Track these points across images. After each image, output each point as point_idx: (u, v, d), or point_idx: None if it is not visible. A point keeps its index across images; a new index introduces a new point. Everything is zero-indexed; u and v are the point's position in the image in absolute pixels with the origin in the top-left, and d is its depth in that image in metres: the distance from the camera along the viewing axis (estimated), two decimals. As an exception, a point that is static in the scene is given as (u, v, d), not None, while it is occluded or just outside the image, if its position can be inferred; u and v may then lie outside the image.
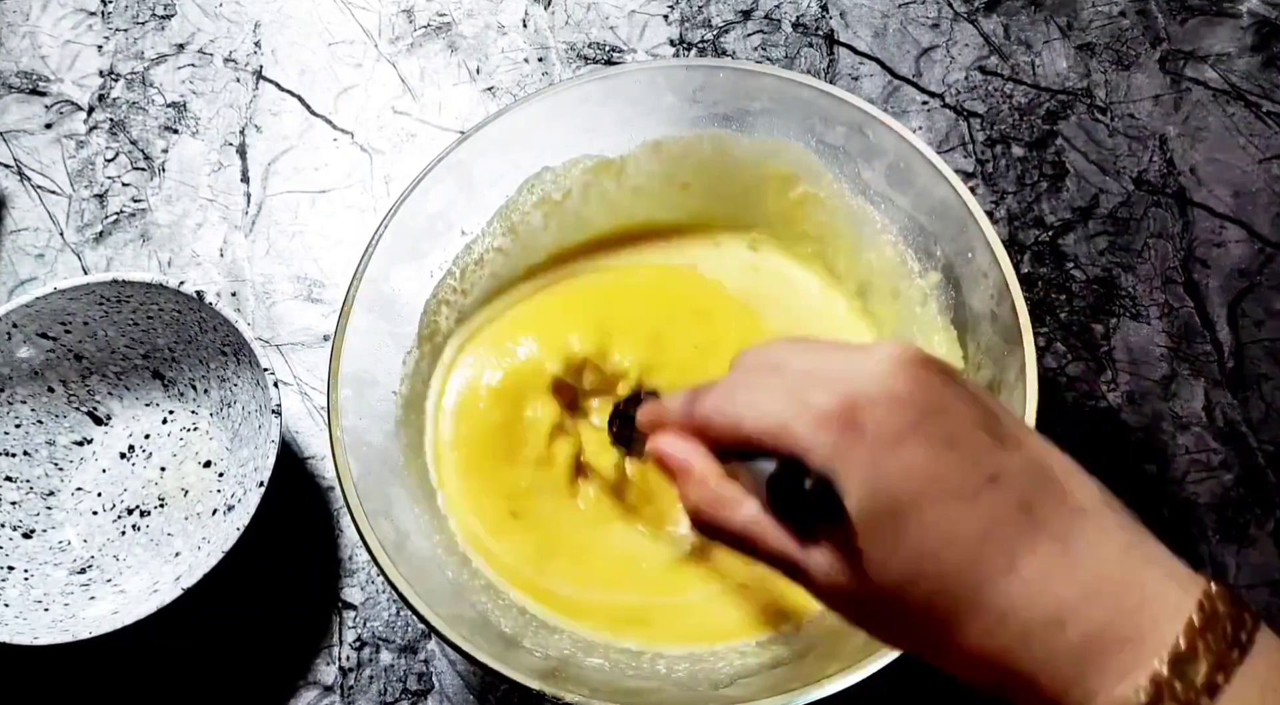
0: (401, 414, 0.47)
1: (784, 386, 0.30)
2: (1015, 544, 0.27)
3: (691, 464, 0.32)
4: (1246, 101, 0.61)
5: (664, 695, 0.40)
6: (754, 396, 0.31)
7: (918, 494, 0.27)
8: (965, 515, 0.27)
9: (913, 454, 0.28)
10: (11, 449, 0.52)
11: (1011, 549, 0.27)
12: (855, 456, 0.28)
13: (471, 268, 0.51)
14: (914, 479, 0.27)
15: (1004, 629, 0.27)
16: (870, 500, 0.27)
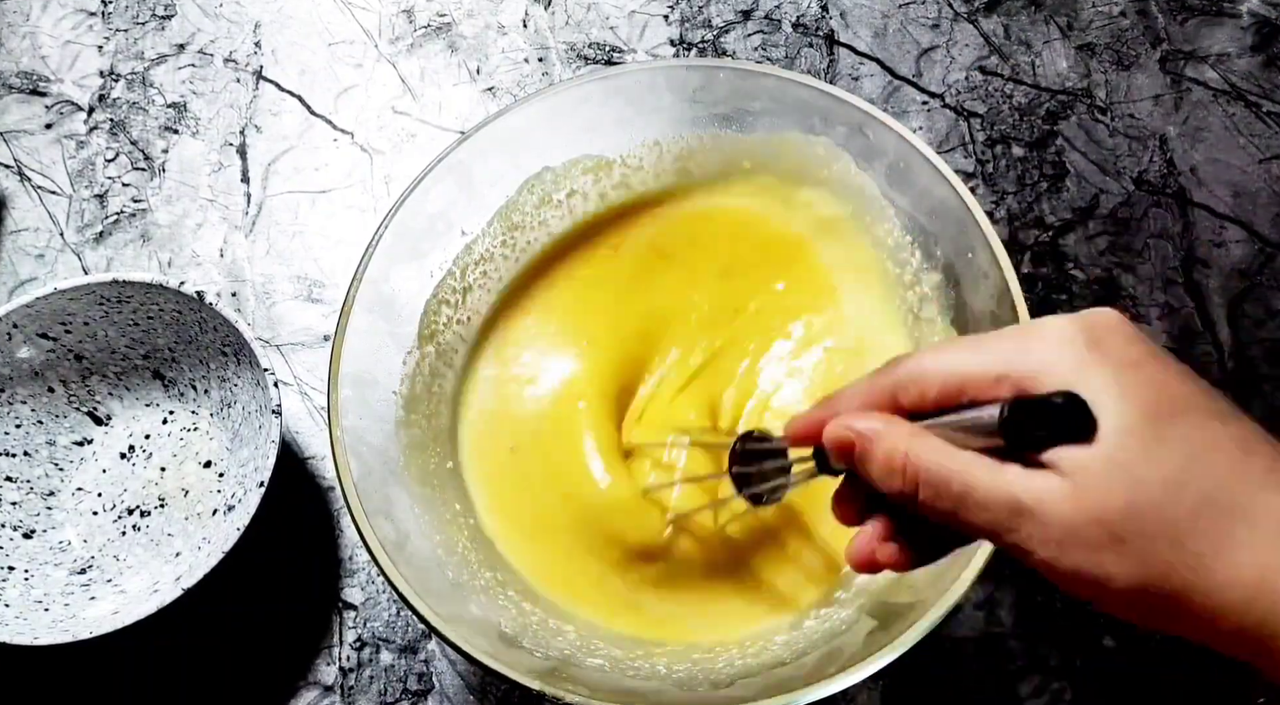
0: (402, 414, 0.47)
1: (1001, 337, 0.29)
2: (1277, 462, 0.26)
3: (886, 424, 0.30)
4: (1247, 101, 0.61)
5: (664, 695, 0.40)
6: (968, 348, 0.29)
7: (1172, 404, 0.26)
8: (1224, 431, 0.26)
9: (1161, 373, 0.27)
10: (12, 449, 0.52)
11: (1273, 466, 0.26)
12: (1102, 370, 0.27)
13: (472, 268, 0.51)
14: (1167, 393, 0.26)
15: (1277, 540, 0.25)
16: (1129, 407, 0.26)
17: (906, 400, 0.30)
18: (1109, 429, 0.26)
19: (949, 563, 0.39)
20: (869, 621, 0.40)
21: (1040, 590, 0.49)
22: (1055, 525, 0.26)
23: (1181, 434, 0.26)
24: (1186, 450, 0.26)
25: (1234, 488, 0.25)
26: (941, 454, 0.28)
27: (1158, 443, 0.26)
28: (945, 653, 0.47)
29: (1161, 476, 0.25)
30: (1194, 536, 0.25)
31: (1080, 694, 0.47)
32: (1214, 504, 0.25)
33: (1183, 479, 0.25)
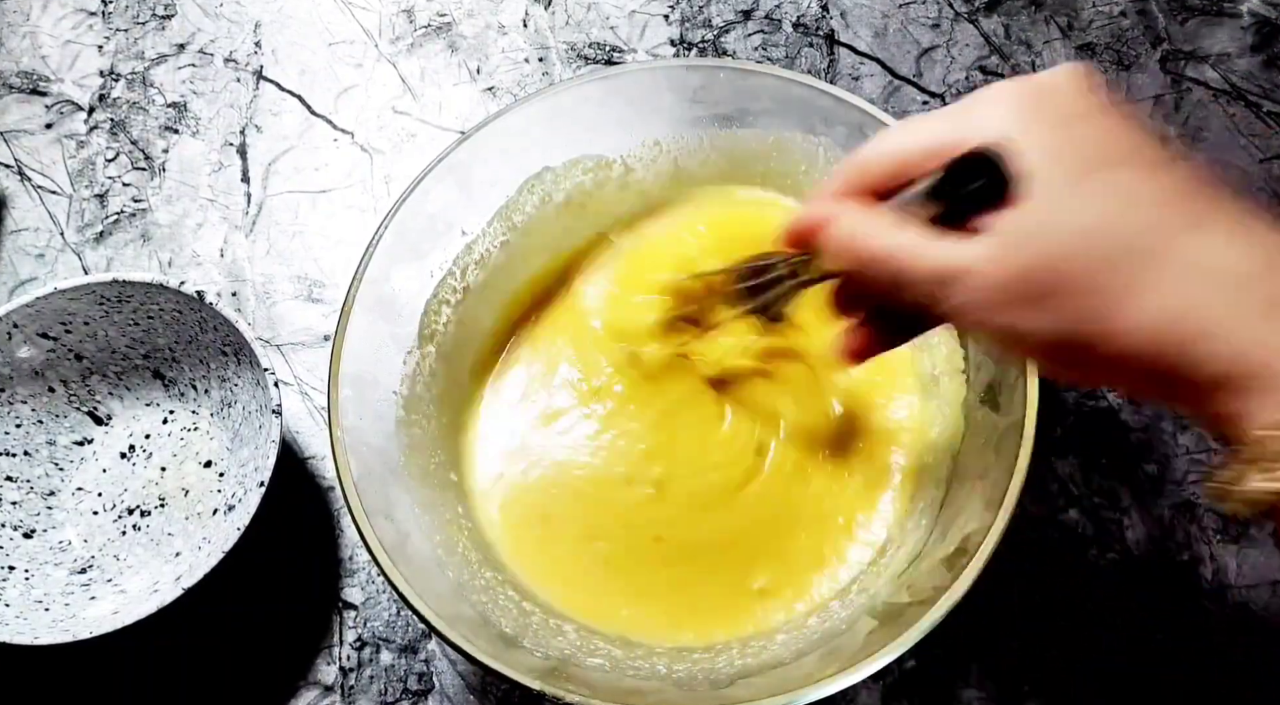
0: (402, 414, 0.47)
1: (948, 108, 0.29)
2: (1203, 210, 0.26)
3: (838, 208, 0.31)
4: (1247, 101, 0.61)
5: (664, 695, 0.40)
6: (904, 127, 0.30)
7: (1104, 156, 0.27)
8: (1153, 178, 0.26)
9: (1099, 125, 0.27)
10: (12, 449, 0.52)
11: (1199, 213, 0.26)
12: (1037, 127, 0.27)
13: (472, 268, 0.51)
14: (1100, 144, 0.27)
15: (1187, 281, 0.25)
16: (1053, 160, 0.26)
17: (866, 187, 0.31)
18: (1038, 185, 0.26)
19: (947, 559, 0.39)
20: (869, 621, 0.40)
21: (1040, 590, 0.49)
22: (982, 287, 0.27)
23: (1108, 184, 0.26)
24: (1111, 200, 0.26)
25: (1152, 235, 0.26)
26: (883, 232, 0.29)
27: (1080, 194, 0.26)
28: (945, 653, 0.47)
29: (1082, 227, 0.26)
30: (1109, 286, 0.26)
31: (1080, 694, 0.47)
32: (1129, 251, 0.26)
33: (1102, 228, 0.26)
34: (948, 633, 0.48)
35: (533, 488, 0.48)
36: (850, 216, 0.30)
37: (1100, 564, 0.49)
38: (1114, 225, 0.26)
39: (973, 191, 0.27)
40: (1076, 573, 0.49)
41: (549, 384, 0.51)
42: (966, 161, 0.27)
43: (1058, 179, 0.26)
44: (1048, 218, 0.26)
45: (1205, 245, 0.26)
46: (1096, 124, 0.27)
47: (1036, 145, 0.27)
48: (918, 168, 0.29)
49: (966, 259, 0.27)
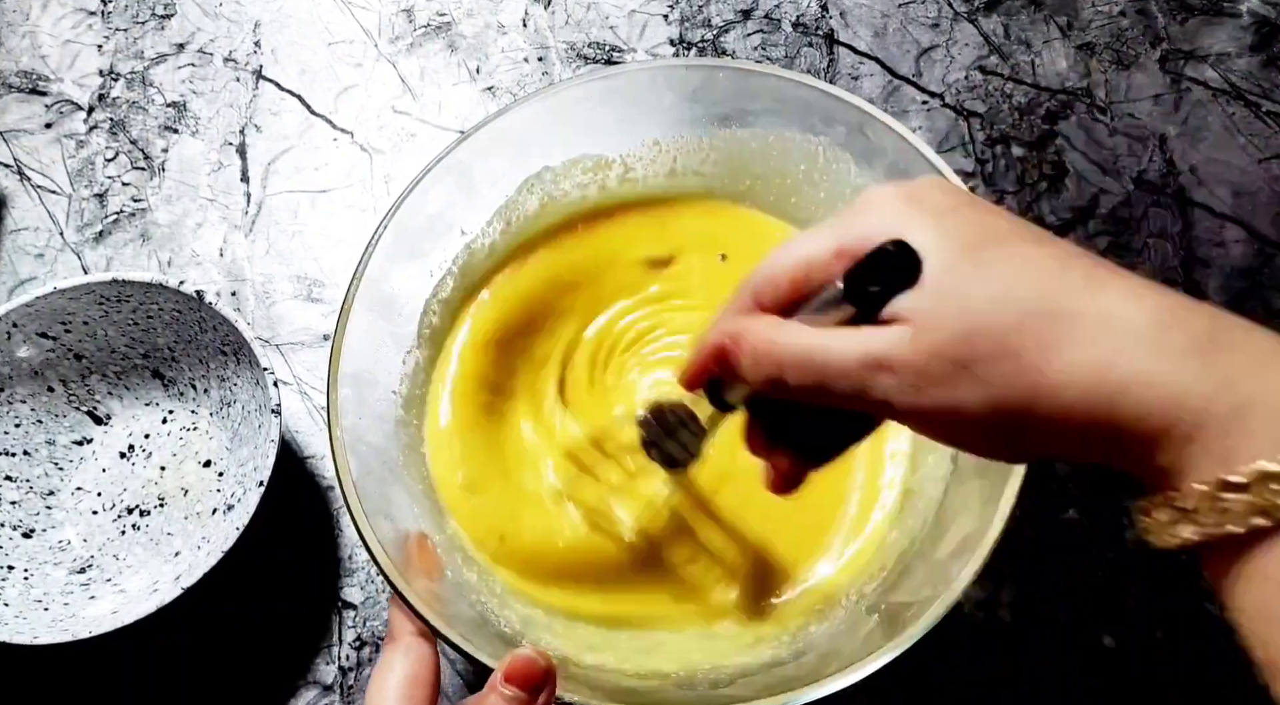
0: (401, 413, 0.47)
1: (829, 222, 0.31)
2: (1095, 271, 0.27)
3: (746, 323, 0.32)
4: (1246, 101, 0.61)
5: (664, 695, 0.40)
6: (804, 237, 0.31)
7: (987, 237, 0.28)
8: (1038, 250, 0.28)
9: (973, 214, 0.29)
10: (11, 448, 0.52)
11: (1093, 274, 0.27)
12: (920, 220, 0.28)
13: (472, 268, 0.51)
14: (980, 227, 0.28)
15: (1106, 334, 0.26)
16: (949, 243, 0.28)
17: (768, 303, 0.32)
18: (933, 268, 0.28)
19: (946, 560, 0.39)
20: (869, 621, 0.40)
21: (1040, 590, 0.49)
22: (905, 370, 0.28)
23: (1000, 257, 0.27)
24: (1007, 270, 0.27)
25: (1055, 296, 0.26)
26: (799, 334, 0.30)
27: (979, 268, 0.27)
28: (945, 653, 0.47)
29: (987, 296, 0.27)
30: (1025, 348, 0.26)
31: (1080, 694, 0.47)
32: (1038, 313, 0.26)
33: (1006, 295, 0.27)
34: (948, 633, 0.48)
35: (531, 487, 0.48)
36: (763, 325, 0.31)
37: (1100, 564, 0.49)
38: (1018, 290, 0.27)
39: (879, 289, 0.28)
40: (1076, 573, 0.49)
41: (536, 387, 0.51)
42: (870, 259, 0.28)
43: (953, 258, 0.27)
44: (953, 292, 0.27)
45: (1111, 301, 0.26)
46: (973, 212, 0.29)
47: (923, 235, 0.28)
48: (820, 272, 0.30)
49: (885, 344, 0.28)
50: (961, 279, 0.27)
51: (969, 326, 0.27)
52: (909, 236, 0.28)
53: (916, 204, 0.29)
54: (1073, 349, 0.26)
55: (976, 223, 0.29)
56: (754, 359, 0.31)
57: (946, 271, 0.27)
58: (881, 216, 0.29)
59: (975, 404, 0.27)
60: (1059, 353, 0.26)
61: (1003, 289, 0.27)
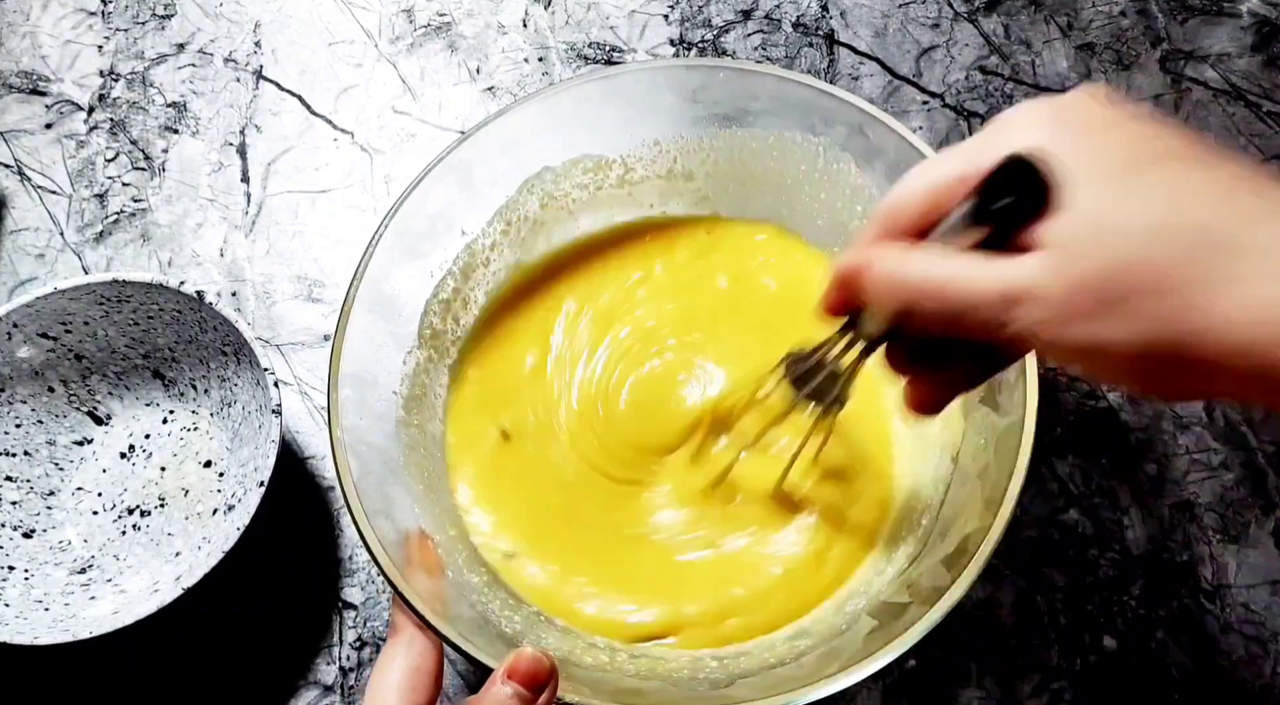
0: (402, 414, 0.47)
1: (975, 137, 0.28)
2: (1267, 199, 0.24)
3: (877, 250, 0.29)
4: (1247, 101, 0.61)
5: (664, 695, 0.40)
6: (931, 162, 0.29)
7: (1148, 155, 0.25)
8: (1205, 172, 0.24)
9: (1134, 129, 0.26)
10: (12, 449, 0.52)
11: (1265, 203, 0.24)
12: (1069, 135, 0.26)
13: (472, 267, 0.51)
14: (1140, 144, 0.25)
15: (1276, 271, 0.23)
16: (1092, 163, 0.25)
17: (900, 229, 0.30)
18: (1082, 190, 0.25)
19: (947, 559, 0.39)
20: (869, 621, 0.40)
21: (1040, 590, 0.49)
22: (1047, 303, 0.25)
23: (1161, 181, 0.24)
24: (1167, 197, 0.24)
25: (1223, 227, 0.24)
26: (931, 263, 0.28)
27: (1134, 194, 0.24)
28: (945, 653, 0.47)
29: (1144, 226, 0.24)
30: (1187, 282, 0.24)
31: (1080, 694, 0.47)
32: (1203, 246, 0.24)
33: (1166, 225, 0.24)
34: (948, 633, 0.48)
35: (530, 487, 0.48)
36: (892, 255, 0.29)
37: (1100, 564, 0.49)
38: (1179, 219, 0.24)
39: (1013, 207, 0.26)
40: (1076, 573, 0.49)
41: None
42: (1000, 176, 0.26)
43: (1103, 180, 0.25)
44: (1105, 220, 0.24)
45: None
46: (1131, 128, 0.26)
47: (1072, 151, 0.25)
48: (951, 197, 0.28)
49: (1026, 275, 0.26)
50: (1115, 204, 0.24)
51: (1123, 257, 0.24)
52: (1051, 150, 0.25)
53: (1064, 119, 0.26)
54: (1240, 285, 0.23)
55: (1133, 140, 0.25)
56: (884, 287, 0.29)
57: (1097, 194, 0.25)
58: (1024, 133, 0.27)
59: (1128, 341, 0.25)
60: (1224, 289, 0.23)
61: (1162, 217, 0.24)
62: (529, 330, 0.52)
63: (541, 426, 0.50)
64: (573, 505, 0.48)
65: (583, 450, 0.49)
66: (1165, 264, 0.24)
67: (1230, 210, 0.24)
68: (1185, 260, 0.24)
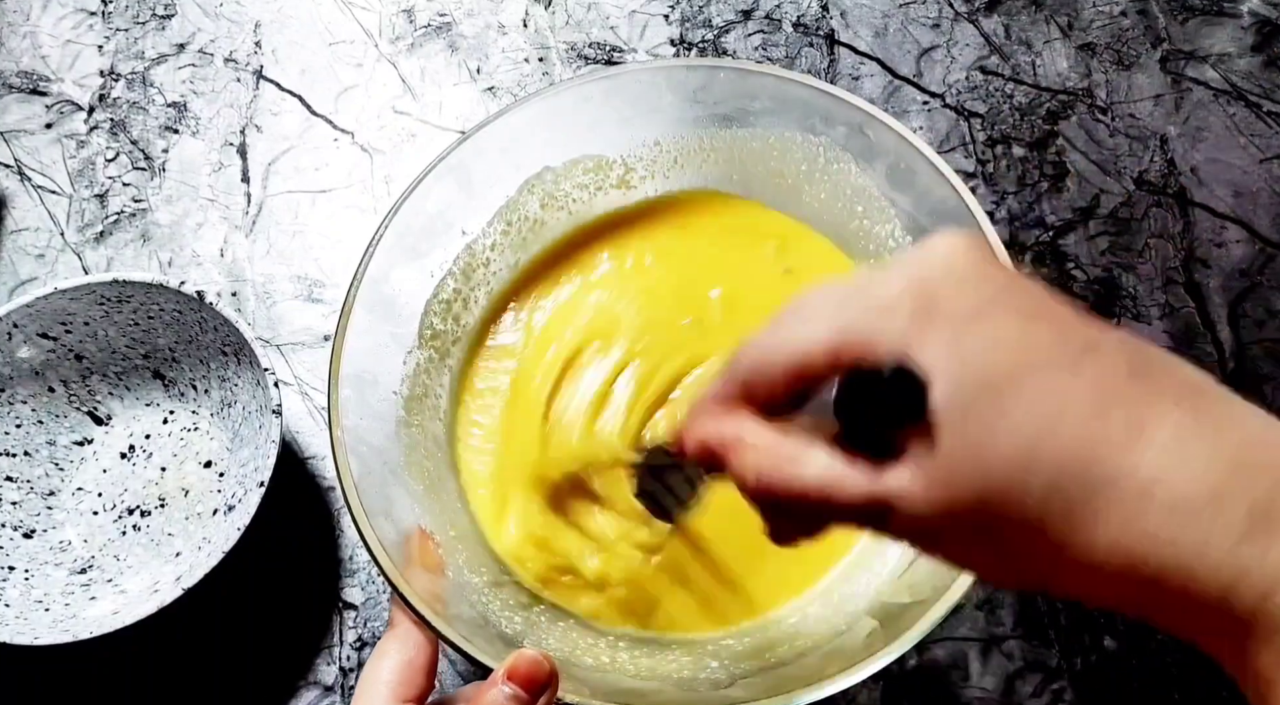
0: (403, 414, 0.47)
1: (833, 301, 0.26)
2: (1138, 411, 0.22)
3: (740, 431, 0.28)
4: (1247, 101, 0.61)
5: (664, 695, 0.40)
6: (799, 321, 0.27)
7: (1012, 366, 0.23)
8: (1071, 384, 0.23)
9: (997, 326, 0.24)
10: (12, 449, 0.52)
11: (1136, 416, 0.22)
12: (933, 335, 0.24)
13: (472, 268, 0.51)
14: (1004, 350, 0.23)
15: (1147, 510, 0.22)
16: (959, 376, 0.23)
17: (761, 397, 0.28)
18: (945, 405, 0.23)
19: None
20: (869, 621, 0.40)
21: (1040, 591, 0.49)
22: (914, 519, 0.24)
23: (1027, 400, 0.23)
24: (1032, 422, 0.23)
25: (1089, 453, 0.22)
26: (794, 467, 0.26)
27: (1000, 415, 0.23)
28: (945, 653, 0.47)
29: (1007, 458, 0.23)
30: (1051, 522, 0.23)
31: (1080, 694, 0.47)
32: (1066, 479, 0.22)
33: (1030, 458, 0.23)
34: (948, 633, 0.48)
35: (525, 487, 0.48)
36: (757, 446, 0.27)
37: (1100, 564, 0.49)
38: (1042, 449, 0.23)
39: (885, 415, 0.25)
40: (1077, 573, 0.49)
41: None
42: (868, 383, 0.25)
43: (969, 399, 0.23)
44: (969, 449, 0.23)
45: (1155, 460, 0.22)
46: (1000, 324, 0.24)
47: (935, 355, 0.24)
48: (817, 377, 0.26)
49: (892, 491, 0.25)
50: (980, 430, 0.23)
51: (986, 491, 0.23)
52: (918, 356, 0.24)
53: (929, 308, 0.24)
54: (1103, 528, 0.22)
55: (1003, 344, 0.24)
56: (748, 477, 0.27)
57: (963, 416, 0.23)
58: (889, 321, 0.25)
59: (994, 567, 0.25)
60: (1087, 531, 0.22)
61: (1027, 446, 0.23)
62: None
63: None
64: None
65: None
66: (1025, 501, 0.23)
67: (1097, 437, 0.22)
68: (1045, 498, 0.23)
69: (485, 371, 0.51)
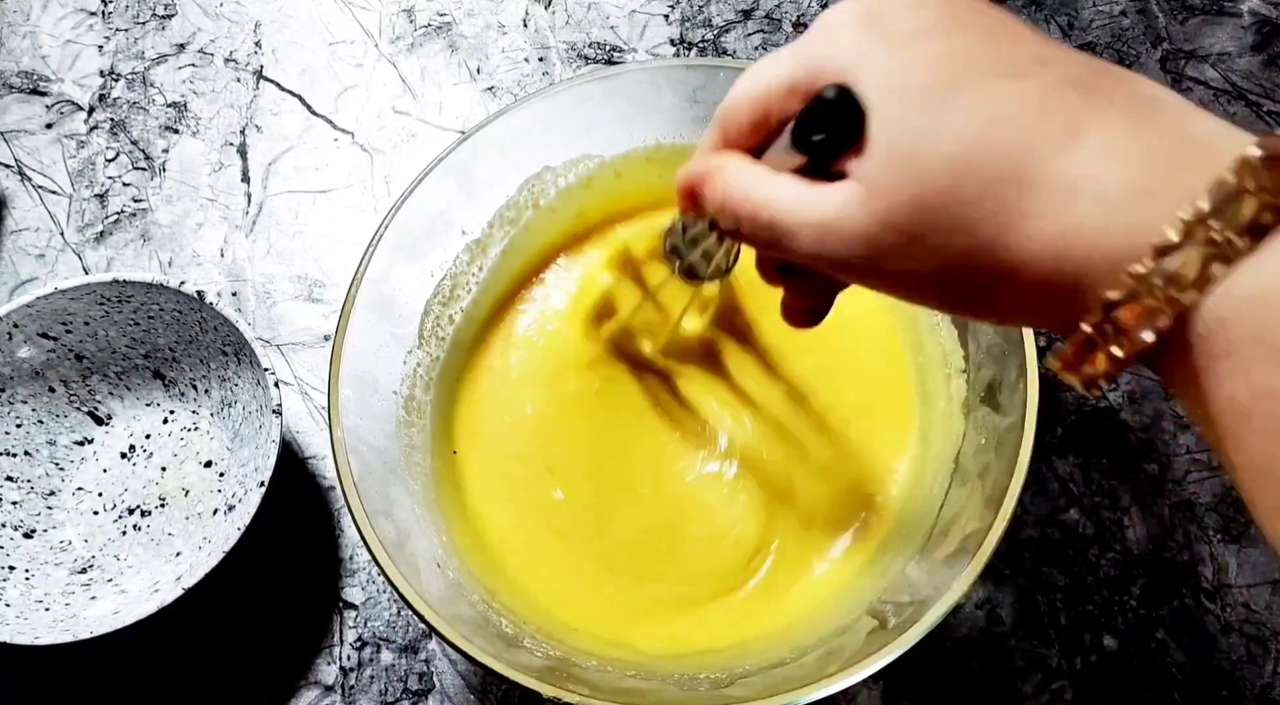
0: (403, 414, 0.47)
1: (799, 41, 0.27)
2: (1078, 116, 0.22)
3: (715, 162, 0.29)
4: (1247, 101, 0.61)
5: (664, 695, 0.40)
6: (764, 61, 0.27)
7: (953, 76, 0.23)
8: (1014, 91, 0.23)
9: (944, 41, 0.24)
10: (12, 449, 0.52)
11: (1074, 121, 0.22)
12: (876, 53, 0.24)
13: (472, 268, 0.51)
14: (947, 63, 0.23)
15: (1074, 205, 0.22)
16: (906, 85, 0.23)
17: (734, 138, 0.29)
18: (884, 117, 0.24)
19: (947, 559, 0.39)
20: (869, 621, 0.40)
21: (1040, 590, 0.49)
22: (852, 237, 0.25)
23: (965, 105, 0.23)
24: (969, 122, 0.23)
25: (1023, 156, 0.23)
26: (753, 185, 0.27)
27: (937, 119, 0.23)
28: (945, 653, 0.47)
29: (943, 158, 0.23)
30: (985, 220, 0.23)
31: (1080, 694, 0.47)
32: (1002, 180, 0.23)
33: (967, 157, 0.23)
34: (948, 633, 0.48)
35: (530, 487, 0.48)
36: (725, 172, 0.29)
37: (1100, 564, 0.49)
38: (976, 151, 0.23)
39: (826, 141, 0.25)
40: (1077, 572, 0.49)
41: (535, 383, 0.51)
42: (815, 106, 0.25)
43: (911, 104, 0.23)
44: (909, 151, 0.23)
45: (1087, 158, 0.22)
46: (943, 39, 0.24)
47: (884, 68, 0.24)
48: (780, 109, 0.27)
49: (832, 208, 0.25)
50: (915, 134, 0.23)
51: (921, 195, 0.23)
52: (860, 72, 0.24)
53: (875, 28, 0.25)
54: (1034, 221, 0.22)
55: (944, 55, 0.24)
56: (716, 205, 0.29)
57: (901, 123, 0.23)
58: (836, 44, 0.25)
59: (930, 274, 0.25)
60: (1015, 229, 0.23)
61: (962, 148, 0.23)
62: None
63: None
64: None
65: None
66: (961, 201, 0.23)
67: (1033, 138, 0.23)
68: (978, 197, 0.23)
69: (486, 370, 0.51)
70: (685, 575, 0.46)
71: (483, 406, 0.51)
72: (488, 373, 0.51)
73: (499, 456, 0.49)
